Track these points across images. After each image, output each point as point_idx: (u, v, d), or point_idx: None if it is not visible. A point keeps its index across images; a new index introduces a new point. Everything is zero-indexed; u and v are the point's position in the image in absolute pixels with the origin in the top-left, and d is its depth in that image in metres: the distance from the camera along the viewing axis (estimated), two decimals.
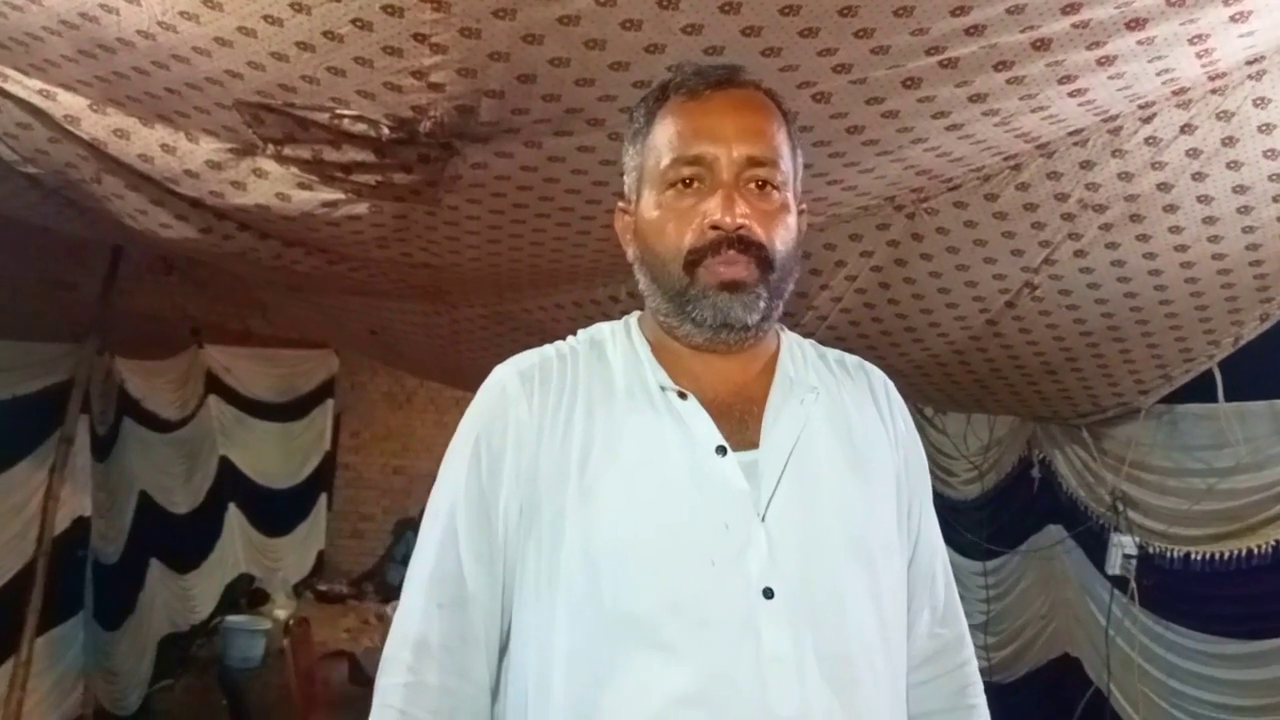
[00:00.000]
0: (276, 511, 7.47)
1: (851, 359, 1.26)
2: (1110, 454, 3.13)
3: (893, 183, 2.20)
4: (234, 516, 6.91)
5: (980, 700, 1.20)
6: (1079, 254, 2.37)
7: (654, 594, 1.00)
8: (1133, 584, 2.93)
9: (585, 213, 2.19)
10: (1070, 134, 2.09)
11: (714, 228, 1.06)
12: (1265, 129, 2.03)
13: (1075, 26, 1.66)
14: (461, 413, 1.20)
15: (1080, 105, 1.93)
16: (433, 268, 2.60)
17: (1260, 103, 1.99)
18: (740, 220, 1.05)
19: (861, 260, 2.49)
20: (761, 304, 1.08)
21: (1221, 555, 2.76)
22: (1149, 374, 2.79)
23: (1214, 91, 1.99)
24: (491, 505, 1.09)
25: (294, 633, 3.89)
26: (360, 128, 1.83)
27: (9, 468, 4.18)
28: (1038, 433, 3.51)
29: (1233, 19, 1.70)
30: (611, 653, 0.99)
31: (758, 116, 1.12)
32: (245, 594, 6.94)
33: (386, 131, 1.82)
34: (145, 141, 2.06)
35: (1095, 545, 3.23)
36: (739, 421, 1.09)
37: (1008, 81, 1.80)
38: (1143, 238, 2.30)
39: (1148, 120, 2.06)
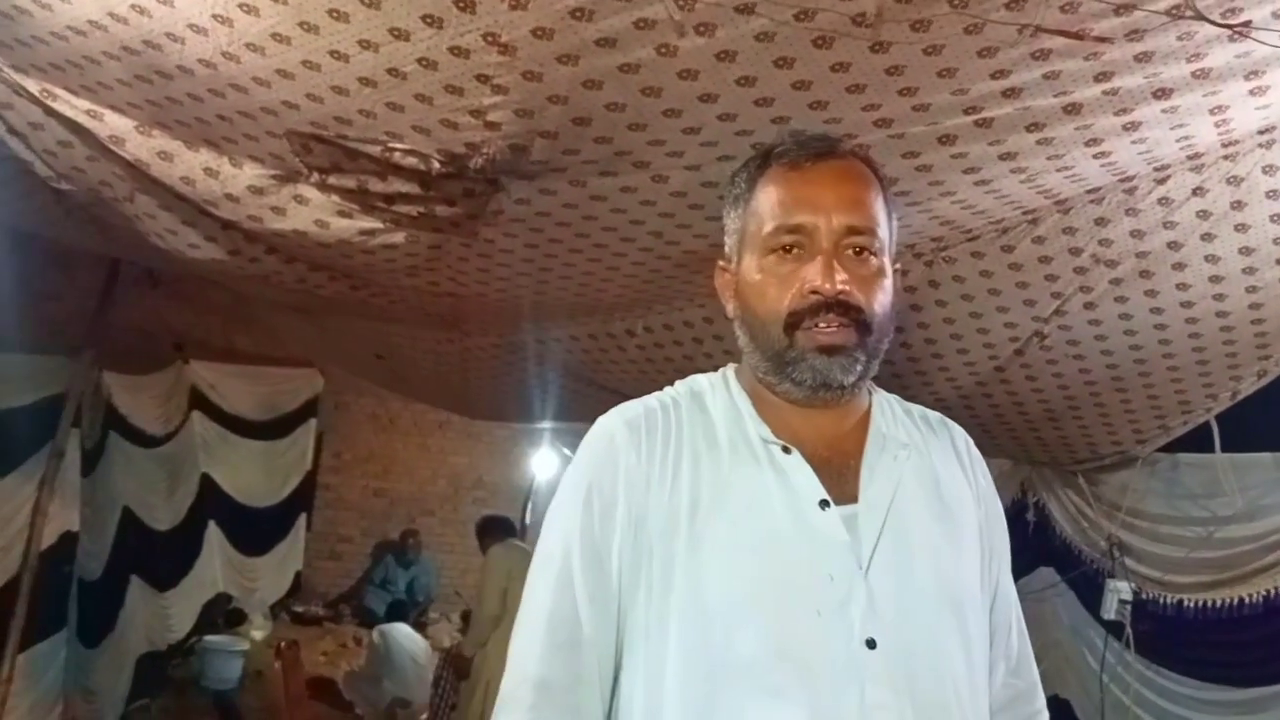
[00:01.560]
0: (256, 530, 7.38)
1: (934, 415, 1.31)
2: (1105, 500, 3.20)
3: (916, 231, 2.27)
4: (214, 534, 6.82)
5: None
6: (1089, 306, 2.45)
7: (763, 641, 1.03)
8: (1128, 629, 2.99)
9: (618, 249, 2.24)
10: (1088, 192, 2.18)
11: (814, 293, 1.11)
12: (1273, 195, 2.13)
13: (1106, 94, 1.74)
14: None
15: (1102, 166, 2.02)
16: (456, 297, 2.64)
17: (1269, 170, 2.08)
18: (840, 286, 1.10)
19: None
20: (859, 366, 1.13)
21: (1214, 603, 2.83)
22: (1147, 424, 2.87)
23: (1226, 157, 2.08)
24: (604, 551, 1.12)
25: (285, 655, 3.86)
26: (410, 161, 1.87)
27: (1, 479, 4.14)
28: (1032, 476, 3.59)
29: (1251, 93, 1.79)
30: (721, 696, 1.03)
31: (856, 186, 1.17)
32: (222, 614, 6.85)
33: (437, 166, 1.86)
34: (189, 164, 2.09)
35: (1087, 589, 3.30)
36: (837, 475, 1.13)
37: (1037, 142, 1.88)
38: (1151, 293, 2.39)
39: (1162, 182, 2.15)
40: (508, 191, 1.97)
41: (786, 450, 1.13)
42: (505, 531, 4.80)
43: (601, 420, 1.22)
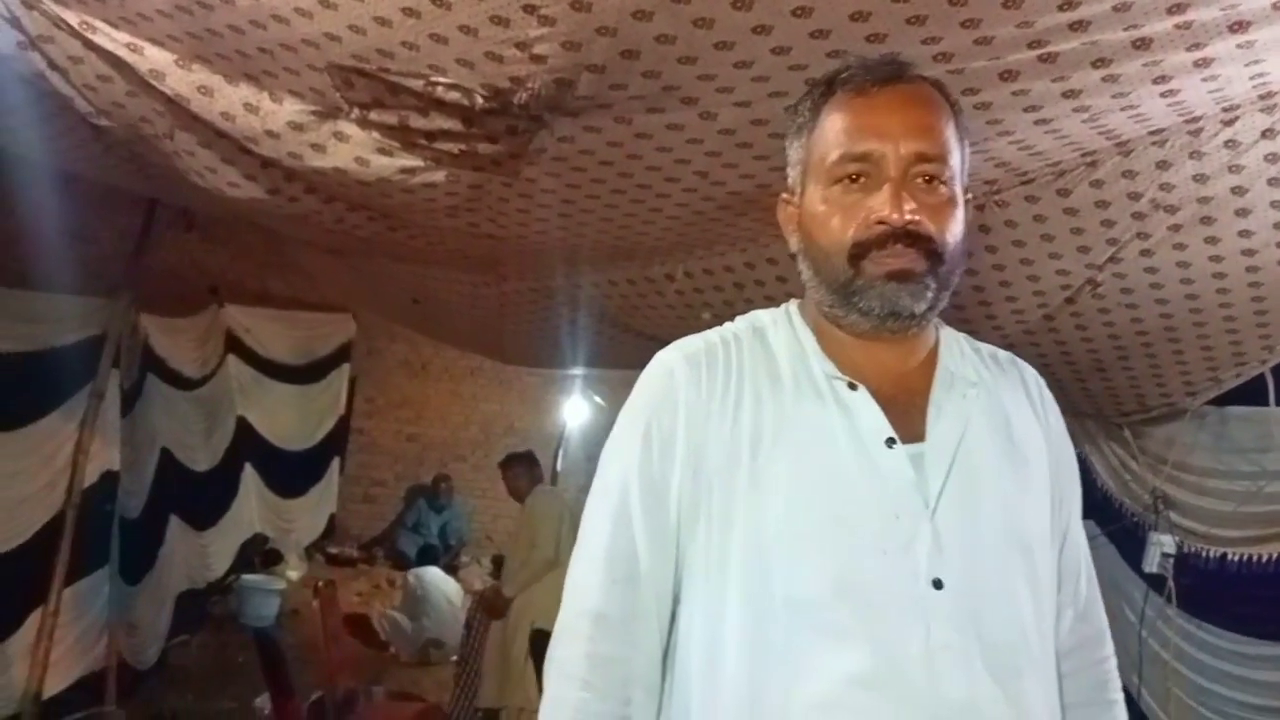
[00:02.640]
0: (291, 473, 7.49)
1: (1004, 354, 1.27)
2: (1150, 453, 3.15)
3: (970, 173, 2.20)
4: (250, 476, 6.93)
5: (1119, 697, 1.23)
6: (1145, 253, 2.38)
7: (825, 580, 1.01)
8: (1170, 583, 2.96)
9: (662, 190, 2.19)
10: (1151, 133, 2.09)
11: (880, 223, 1.07)
12: None
13: (1178, 27, 1.66)
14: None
15: (1169, 105, 1.94)
16: (495, 239, 2.60)
17: None
18: (909, 216, 1.06)
19: None
20: (929, 294, 1.09)
21: (1260, 558, 2.79)
22: (1199, 376, 2.80)
23: None
24: (663, 487, 1.10)
25: (322, 594, 3.92)
26: (454, 96, 1.83)
27: (40, 419, 4.19)
28: (1074, 427, 3.53)
29: None
30: (782, 634, 1.01)
31: (925, 112, 1.12)
32: (259, 554, 6.97)
33: (480, 101, 1.82)
34: (229, 100, 2.06)
35: (1127, 542, 3.26)
36: (903, 413, 1.10)
37: (1103, 79, 1.80)
38: (1211, 240, 2.31)
39: (1229, 123, 2.06)
40: (551, 129, 1.93)
41: (852, 386, 1.10)
42: (530, 468, 4.72)
43: (660, 355, 1.20)
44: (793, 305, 1.24)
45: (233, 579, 6.41)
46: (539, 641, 4.00)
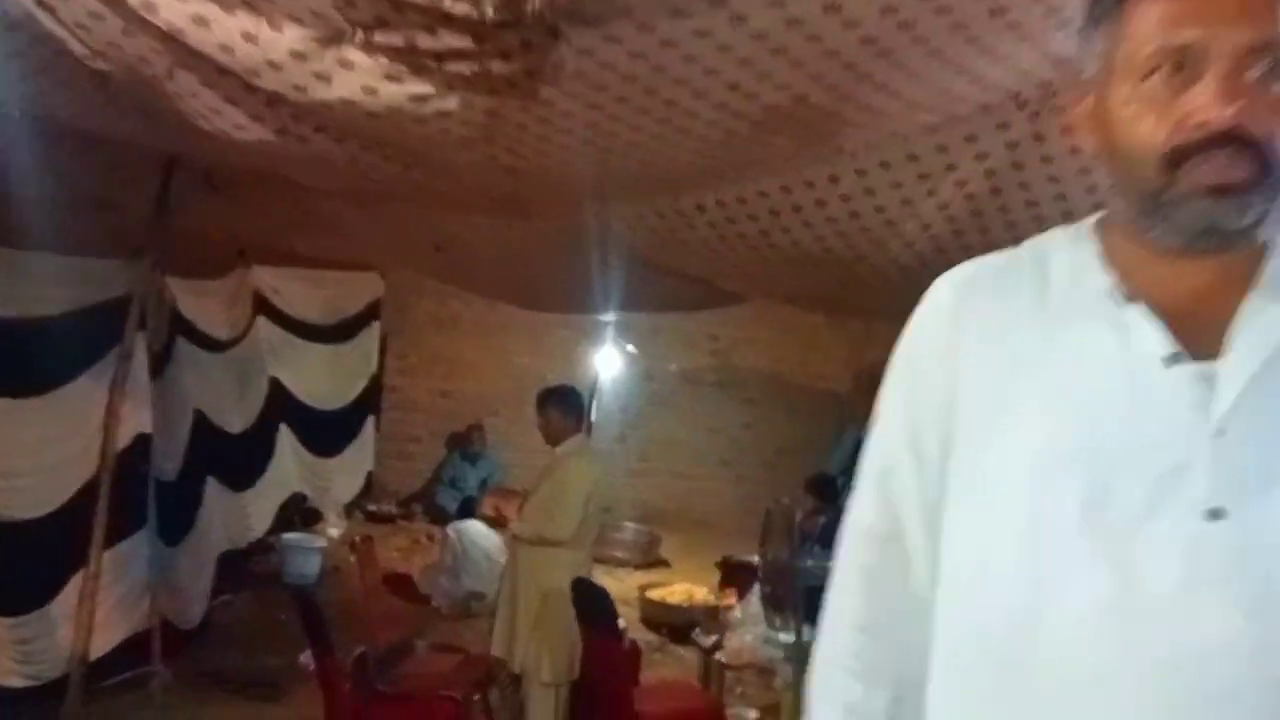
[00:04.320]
0: (326, 432, 7.50)
1: None
2: None
3: (1022, 74, 2.03)
4: (285, 436, 6.94)
5: None
6: None
7: (1073, 507, 0.92)
8: None
9: (689, 107, 2.05)
10: None
11: (1202, 124, 0.90)
12: None
13: None
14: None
15: None
16: (516, 173, 2.47)
17: None
18: (1236, 117, 0.90)
19: (975, 164, 2.34)
20: (1254, 209, 0.93)
21: None
22: None
23: None
24: (925, 431, 1.05)
25: (360, 549, 3.87)
26: (462, 9, 1.69)
27: (69, 382, 4.17)
28: None
29: None
30: (1039, 560, 0.94)
31: None
32: (299, 513, 7.00)
33: (490, 13, 1.68)
34: (226, 30, 1.94)
35: None
36: (1199, 329, 0.95)
37: None
38: None
39: None
40: (569, 40, 1.79)
41: (1131, 301, 0.96)
42: (569, 409, 4.35)
43: (935, 285, 1.10)
44: (1090, 219, 1.09)
45: (273, 538, 6.43)
46: (579, 587, 3.94)
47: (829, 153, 2.34)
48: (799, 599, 5.04)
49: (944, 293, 1.08)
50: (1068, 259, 1.03)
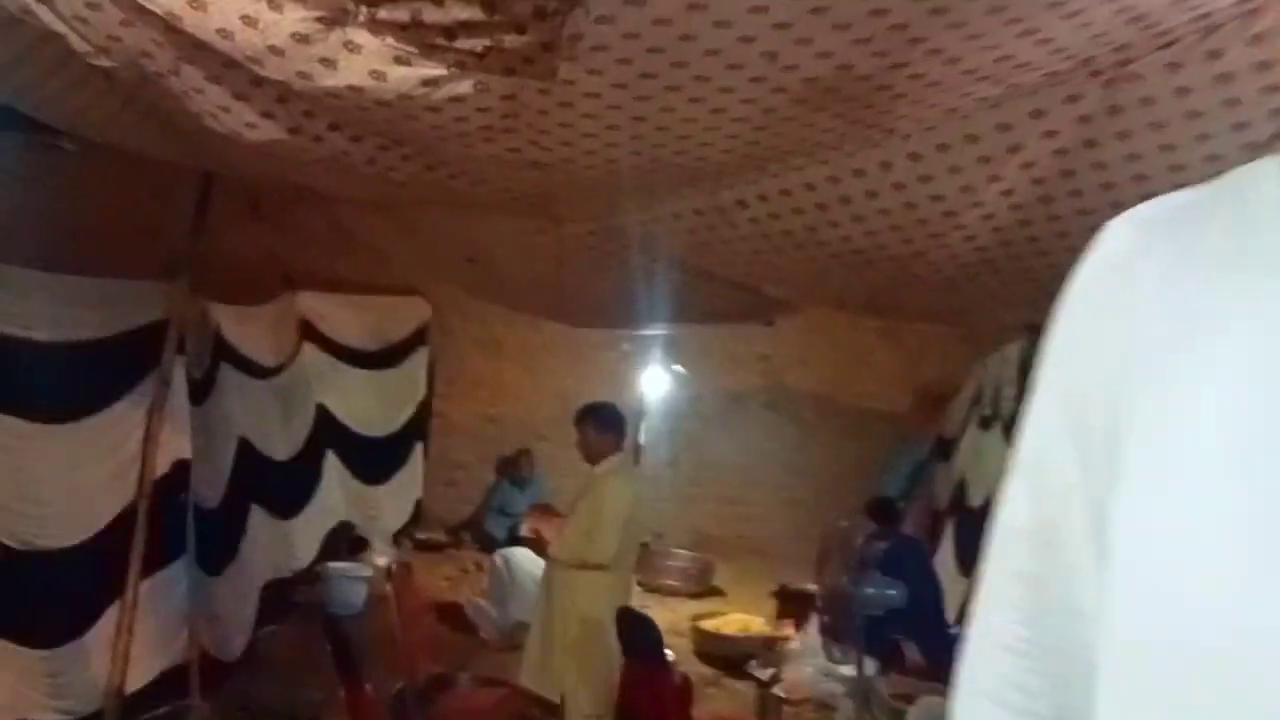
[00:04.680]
0: (374, 459, 7.40)
1: None
2: None
3: (1097, 35, 1.81)
4: (332, 463, 6.85)
5: None
6: None
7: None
8: None
9: (724, 82, 1.86)
10: None
11: None
12: None
13: None
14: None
15: None
16: (542, 168, 2.31)
17: None
18: None
19: (1043, 142, 2.11)
20: None
21: None
22: None
23: None
24: (1089, 410, 0.76)
25: (397, 577, 3.72)
26: None
27: (106, 407, 4.10)
28: None
29: None
30: (1258, 565, 0.64)
31: None
32: (346, 542, 6.88)
33: None
34: (223, 12, 1.81)
35: None
36: None
37: None
38: None
39: None
40: (586, 7, 1.62)
41: None
42: (610, 426, 4.16)
43: (1104, 229, 0.81)
44: None
45: (319, 567, 6.32)
46: (624, 617, 3.73)
47: (879, 135, 2.14)
48: (859, 629, 4.78)
49: (1117, 237, 0.76)
50: (1269, 197, 0.75)
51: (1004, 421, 5.37)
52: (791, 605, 6.55)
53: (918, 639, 5.31)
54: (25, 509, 3.75)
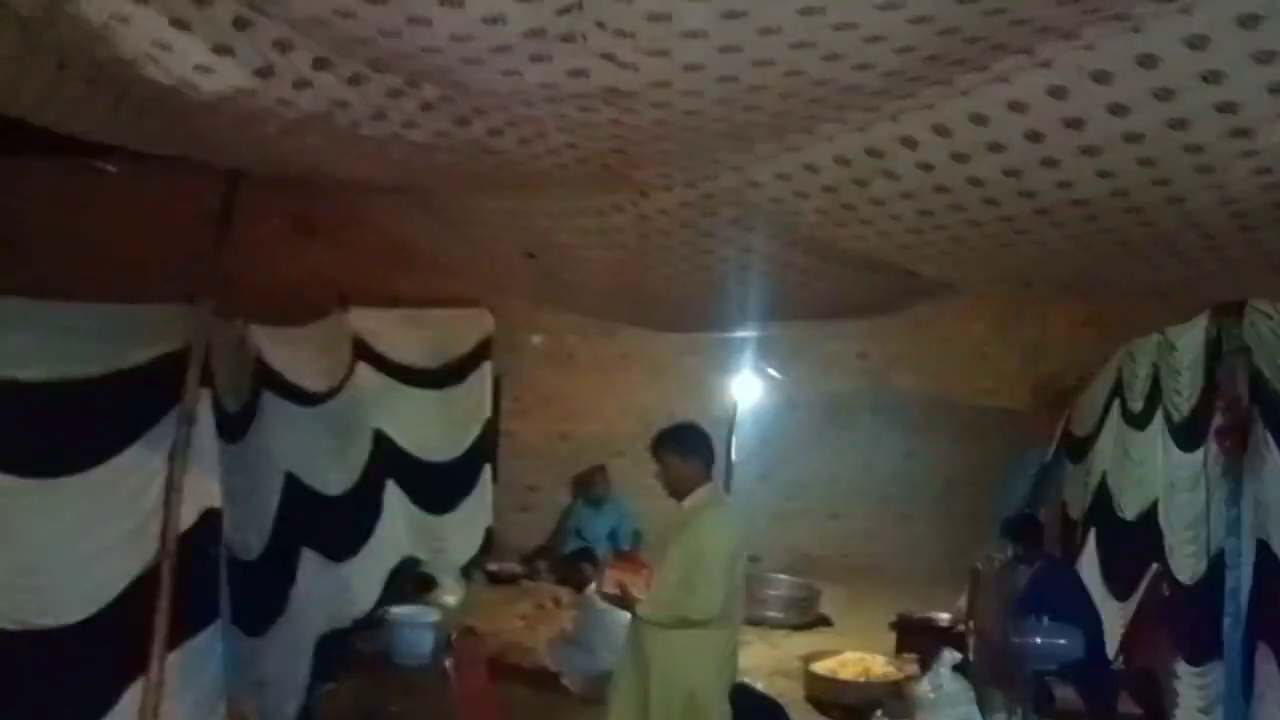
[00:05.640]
0: (439, 487, 6.85)
1: None
2: None
3: None
4: (393, 495, 6.29)
5: None
6: None
7: None
8: None
9: None
10: None
11: None
12: None
13: None
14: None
15: None
16: (620, 100, 1.58)
17: None
18: None
19: None
20: None
21: None
22: None
23: None
24: None
25: (458, 649, 3.04)
26: None
27: (117, 454, 3.49)
28: None
29: None
30: None
31: None
32: (411, 580, 6.27)
33: None
34: None
35: None
36: None
37: None
38: None
39: None
40: None
41: None
42: (693, 451, 3.44)
43: None
44: None
45: (382, 611, 5.70)
46: (742, 698, 2.98)
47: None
48: (1025, 683, 3.97)
49: None
50: None
51: (1172, 419, 4.47)
52: (913, 638, 5.76)
53: (1072, 677, 4.48)
54: (21, 581, 3.15)
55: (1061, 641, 3.63)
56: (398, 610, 5.74)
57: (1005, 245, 1.95)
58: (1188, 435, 4.25)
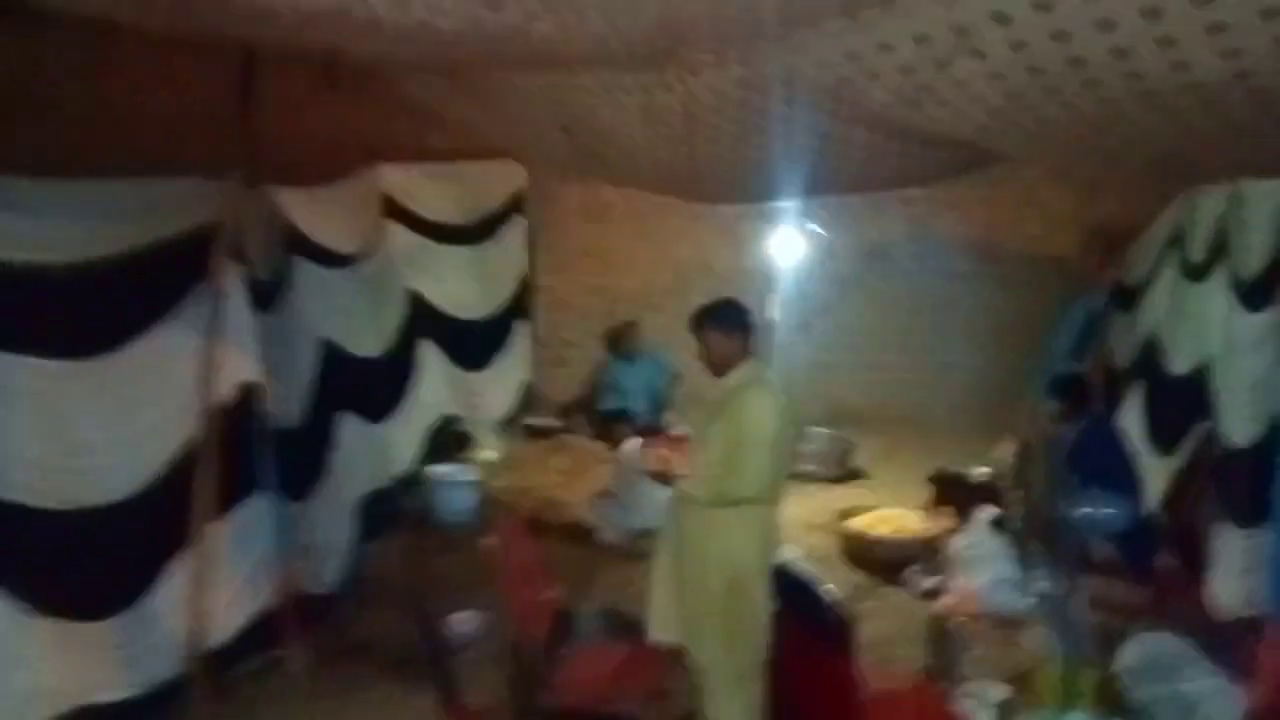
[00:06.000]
0: (474, 343, 6.77)
1: None
2: None
3: None
4: (429, 353, 6.23)
5: None
6: None
7: None
8: None
9: None
10: None
11: None
12: None
13: None
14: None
15: None
16: None
17: None
18: None
19: None
20: None
21: None
22: None
23: None
24: None
25: (503, 530, 3.02)
26: None
27: (147, 330, 3.43)
28: None
29: None
30: None
31: None
32: (451, 437, 6.31)
33: None
34: None
35: None
36: None
37: None
38: None
39: None
40: None
41: None
42: (735, 328, 3.30)
43: None
44: None
45: (422, 471, 5.77)
46: (782, 579, 2.97)
47: None
48: (1071, 550, 3.95)
49: None
50: None
51: (1238, 276, 4.23)
52: (949, 492, 5.72)
53: (1113, 535, 4.45)
54: (65, 463, 3.16)
55: (1109, 511, 3.57)
56: (437, 469, 5.80)
57: (1098, 129, 1.74)
58: (1255, 294, 4.03)
